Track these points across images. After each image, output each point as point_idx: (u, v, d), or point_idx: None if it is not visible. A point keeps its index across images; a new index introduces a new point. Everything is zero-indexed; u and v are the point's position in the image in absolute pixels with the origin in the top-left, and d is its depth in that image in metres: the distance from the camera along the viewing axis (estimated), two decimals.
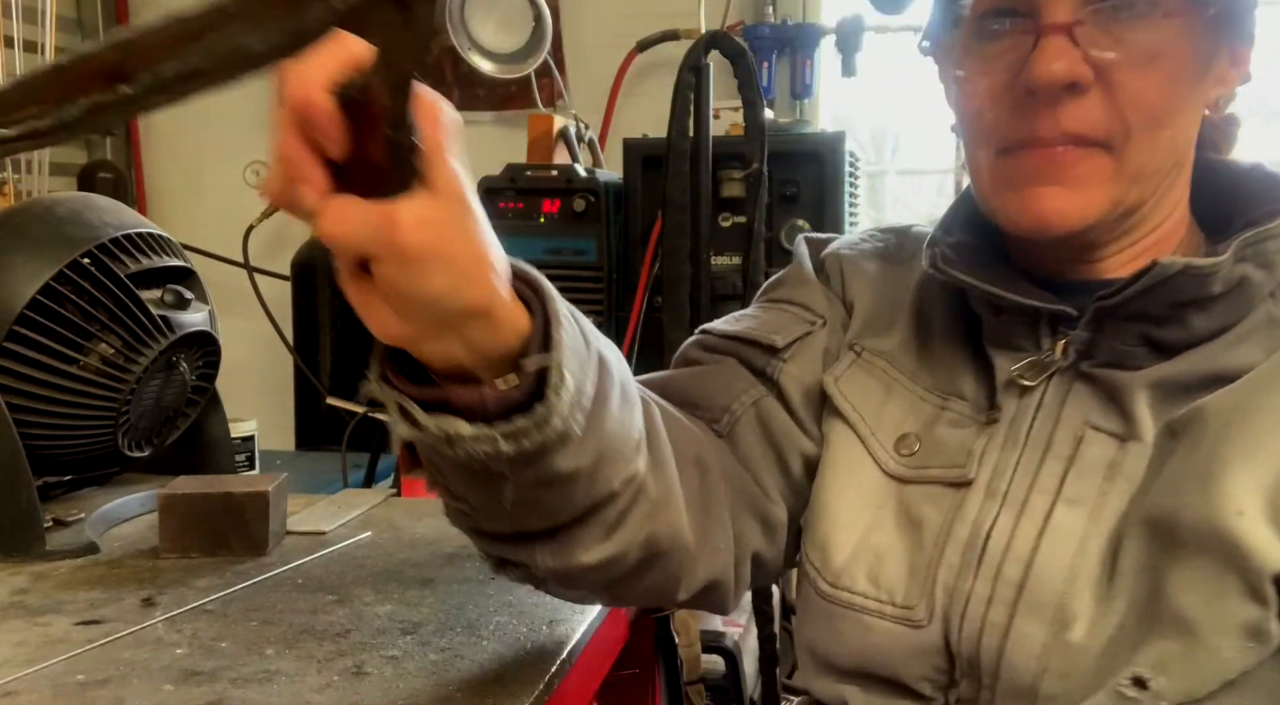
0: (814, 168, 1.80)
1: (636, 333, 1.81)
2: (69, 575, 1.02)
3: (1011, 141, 0.67)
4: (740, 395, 0.78)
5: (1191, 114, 0.69)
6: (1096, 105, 0.64)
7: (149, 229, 1.23)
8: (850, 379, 0.78)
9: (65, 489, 1.25)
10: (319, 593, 0.97)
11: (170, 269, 1.24)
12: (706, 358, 0.82)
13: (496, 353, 0.54)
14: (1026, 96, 0.65)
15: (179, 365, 1.22)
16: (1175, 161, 0.69)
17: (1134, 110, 0.64)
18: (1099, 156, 0.65)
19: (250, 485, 1.10)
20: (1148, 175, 0.67)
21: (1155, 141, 0.66)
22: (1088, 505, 0.65)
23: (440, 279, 0.49)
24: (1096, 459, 0.66)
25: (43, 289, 1.08)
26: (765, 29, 2.27)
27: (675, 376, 0.81)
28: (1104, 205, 0.66)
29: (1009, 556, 0.66)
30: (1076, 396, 0.69)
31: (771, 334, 0.80)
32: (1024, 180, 0.67)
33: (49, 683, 0.77)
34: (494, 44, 1.99)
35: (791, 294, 0.84)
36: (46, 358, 1.10)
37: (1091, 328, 0.68)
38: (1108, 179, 0.66)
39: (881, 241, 0.86)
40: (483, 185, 1.88)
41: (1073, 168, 0.65)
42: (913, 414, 0.75)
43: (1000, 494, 0.68)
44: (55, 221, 1.14)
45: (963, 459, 0.70)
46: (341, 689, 0.76)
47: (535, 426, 0.54)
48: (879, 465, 0.74)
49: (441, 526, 1.21)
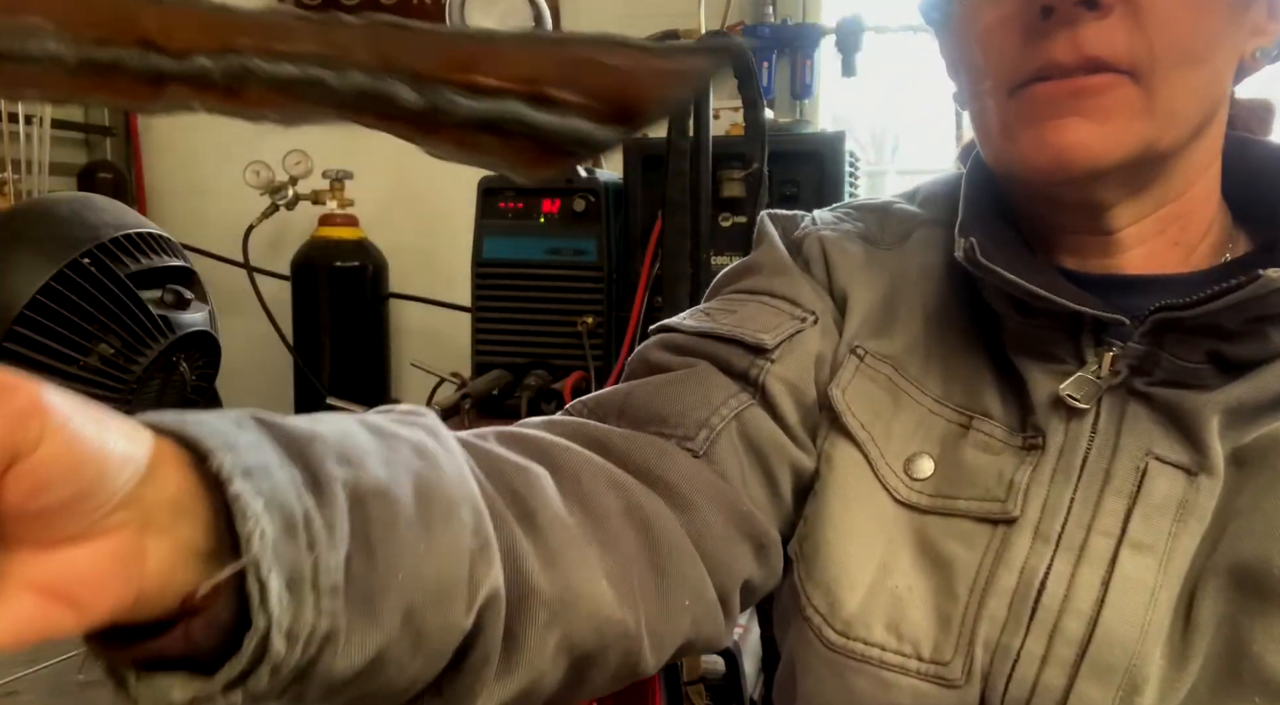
0: (814, 168, 1.80)
1: (636, 333, 1.81)
2: None
3: (1025, 74, 0.59)
4: (719, 407, 0.66)
5: (1226, 57, 0.60)
6: (1120, 27, 0.56)
7: (149, 229, 1.23)
8: (856, 390, 0.67)
9: None
10: None
11: (170, 269, 1.24)
12: (674, 362, 0.69)
13: (181, 563, 0.36)
14: (1041, 19, 0.57)
15: (179, 365, 1.22)
16: (1209, 111, 0.61)
17: (1162, 35, 0.56)
18: (1125, 86, 0.57)
19: None
20: (1180, 118, 0.58)
21: (1187, 79, 0.57)
22: (1157, 551, 0.57)
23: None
24: (1165, 496, 0.58)
25: (43, 289, 1.09)
26: (765, 29, 2.27)
27: (637, 389, 0.67)
28: (1132, 143, 0.58)
29: (1068, 609, 0.58)
30: (1134, 421, 0.60)
31: (758, 332, 0.68)
32: (1041, 112, 0.58)
33: (49, 683, 0.77)
34: None
35: (770, 284, 0.72)
36: (46, 358, 1.10)
37: (1150, 340, 0.59)
38: (1136, 114, 0.57)
39: (861, 221, 0.76)
40: (483, 185, 1.88)
41: (1096, 97, 0.57)
42: (924, 430, 0.65)
43: (1053, 536, 0.59)
44: (55, 221, 1.14)
45: (1001, 491, 0.61)
46: None
47: (257, 663, 0.37)
48: (889, 492, 0.64)
49: None
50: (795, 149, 1.82)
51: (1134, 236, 0.64)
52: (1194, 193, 0.64)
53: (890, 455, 0.65)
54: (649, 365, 0.70)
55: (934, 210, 0.73)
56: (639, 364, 0.71)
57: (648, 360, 0.71)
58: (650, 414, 0.65)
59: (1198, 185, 0.64)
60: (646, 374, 0.69)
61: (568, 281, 1.85)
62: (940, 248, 0.71)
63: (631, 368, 0.72)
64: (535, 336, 1.87)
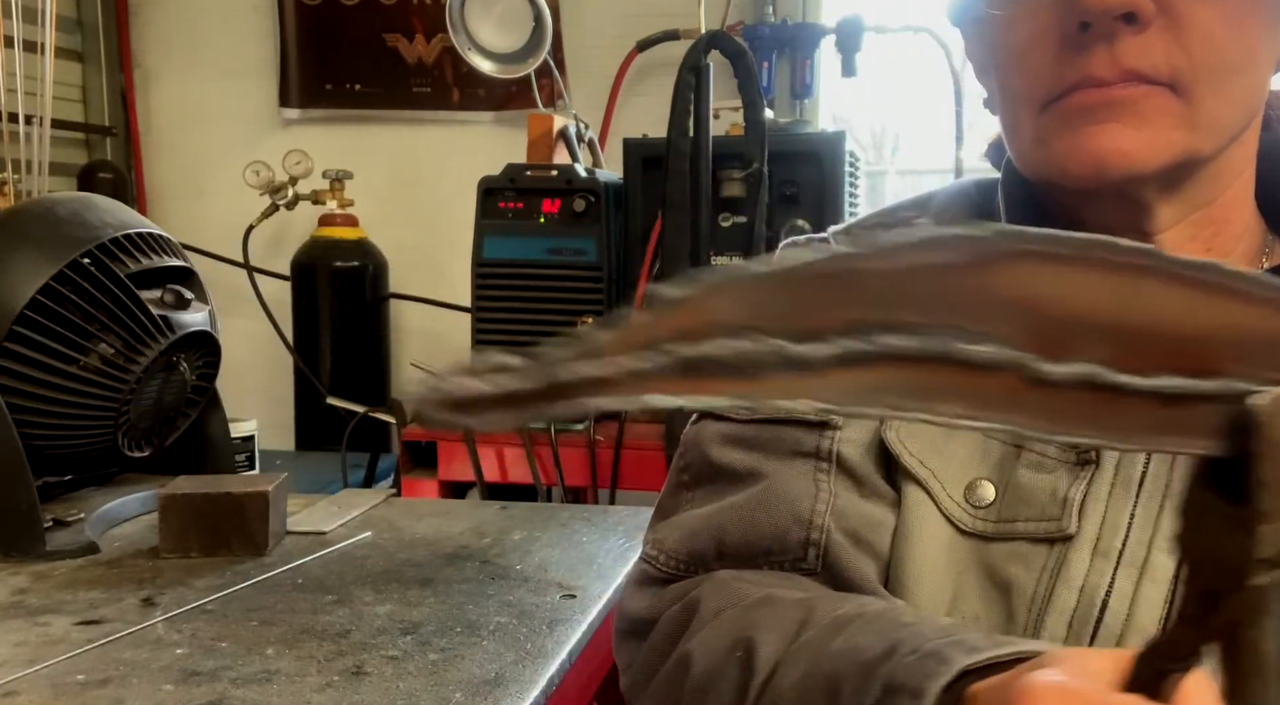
0: (814, 168, 1.80)
1: None
2: (69, 575, 1.02)
3: (1062, 88, 0.57)
4: (812, 517, 0.63)
5: (1265, 66, 0.59)
6: (1159, 41, 0.55)
7: (149, 229, 1.23)
8: (909, 428, 0.65)
9: (65, 489, 1.25)
10: (319, 593, 0.97)
11: (170, 269, 1.24)
12: (740, 465, 0.66)
13: None
14: (1078, 32, 0.55)
15: (179, 365, 1.22)
16: (1249, 117, 0.60)
17: (1202, 48, 0.55)
18: (1164, 97, 0.56)
19: (250, 485, 1.10)
20: (1220, 129, 0.58)
21: (1227, 89, 0.56)
22: None
23: None
24: None
25: (43, 289, 1.08)
26: (765, 29, 2.27)
27: (728, 527, 0.64)
28: (1172, 150, 0.56)
29: (1132, 628, 0.56)
30: None
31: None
32: (1077, 121, 0.57)
33: (49, 683, 0.77)
34: (494, 44, 1.98)
35: None
36: (46, 358, 1.10)
37: None
38: (1176, 123, 0.56)
39: None
40: (483, 185, 1.88)
41: (1134, 105, 0.55)
42: (980, 455, 0.63)
43: (1114, 553, 0.58)
44: (55, 221, 1.14)
45: (1056, 510, 0.60)
46: (341, 689, 0.76)
47: None
48: (955, 524, 0.62)
49: (441, 526, 1.21)
50: (795, 149, 1.82)
51: (1169, 241, 0.62)
52: (1228, 197, 0.63)
53: (950, 486, 0.63)
54: (714, 466, 0.67)
55: (954, 218, 0.71)
56: (702, 465, 0.68)
57: (710, 460, 0.67)
58: (754, 551, 0.64)
59: (1232, 189, 0.63)
60: (714, 478, 0.67)
61: (568, 281, 1.85)
62: None
63: (691, 464, 0.68)
64: (535, 336, 1.85)
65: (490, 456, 1.76)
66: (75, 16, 2.64)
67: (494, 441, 1.76)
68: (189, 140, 2.75)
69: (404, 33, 2.57)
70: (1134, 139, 0.56)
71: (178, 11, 2.72)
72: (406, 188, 2.63)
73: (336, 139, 2.62)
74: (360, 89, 2.62)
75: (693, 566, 0.65)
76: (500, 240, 1.87)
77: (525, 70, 2.01)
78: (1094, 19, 0.54)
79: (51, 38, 2.12)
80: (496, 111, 2.55)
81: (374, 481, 2.16)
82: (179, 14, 2.72)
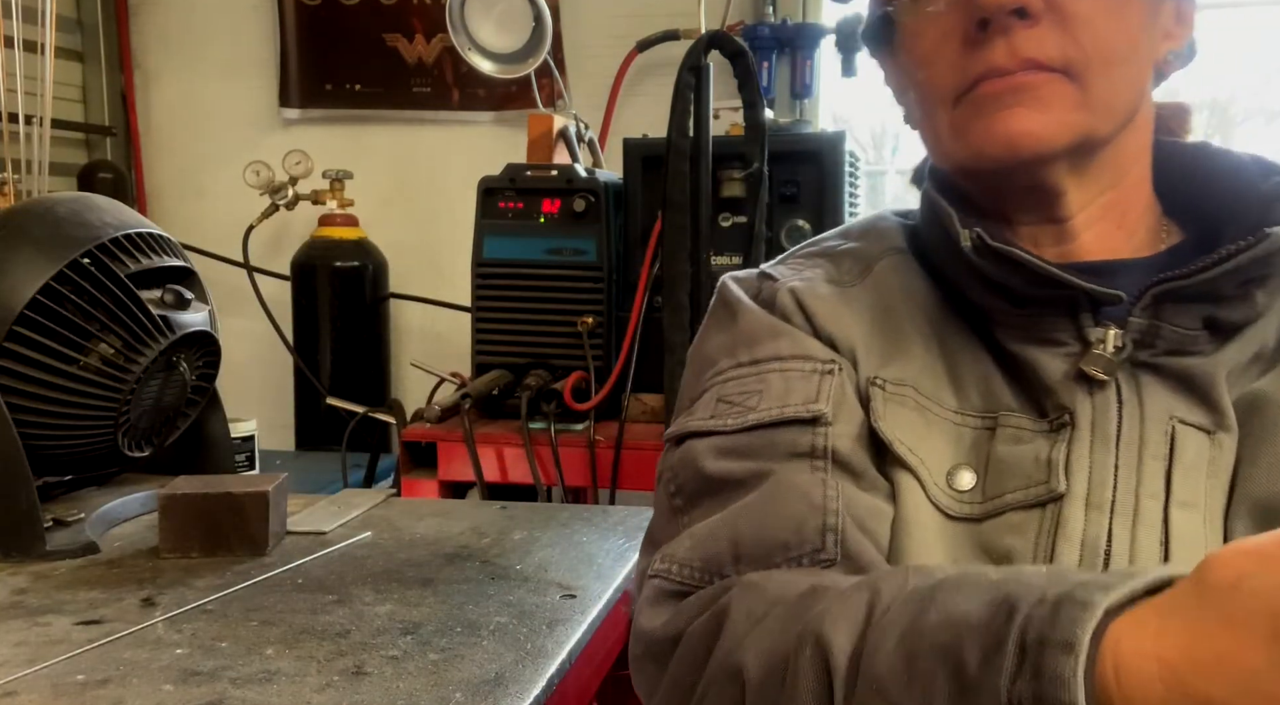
0: (814, 168, 1.80)
1: (636, 333, 1.81)
2: (69, 575, 1.02)
3: (969, 80, 0.64)
4: (827, 504, 0.63)
5: (1144, 58, 0.66)
6: (1050, 33, 0.62)
7: (149, 229, 1.23)
8: (894, 418, 0.67)
9: (65, 489, 1.25)
10: (319, 593, 0.97)
11: (170, 269, 1.24)
12: (738, 470, 0.66)
13: None
14: (979, 31, 0.62)
15: (179, 365, 1.22)
16: (1135, 103, 0.67)
17: (1088, 38, 0.62)
18: (1060, 82, 0.62)
19: (250, 485, 1.10)
20: (1112, 112, 0.65)
21: (1115, 75, 0.63)
22: (1200, 507, 0.61)
23: None
24: (1195, 456, 0.61)
25: (43, 289, 1.08)
26: (765, 29, 2.27)
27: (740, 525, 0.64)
28: (1073, 130, 0.63)
29: None
30: (1151, 390, 0.63)
31: (806, 403, 0.66)
32: (987, 107, 0.63)
33: (49, 683, 0.77)
34: (494, 44, 1.99)
35: (777, 348, 0.70)
36: (46, 358, 1.10)
37: (1150, 313, 0.63)
38: (1074, 106, 0.63)
39: (818, 267, 0.75)
40: (483, 185, 1.88)
41: (1035, 90, 0.62)
42: (956, 442, 0.66)
43: (1106, 505, 0.61)
44: (55, 221, 1.14)
45: (1042, 474, 0.62)
46: (341, 689, 0.76)
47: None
48: (943, 511, 0.64)
49: (441, 526, 1.21)
50: (795, 149, 1.82)
51: (1083, 222, 0.68)
52: (1130, 181, 0.69)
53: (936, 474, 0.65)
54: (711, 480, 0.66)
55: (886, 242, 0.75)
56: (697, 481, 0.67)
57: (708, 474, 0.67)
58: (770, 547, 0.62)
59: (1132, 173, 0.69)
60: (711, 491, 0.66)
61: (568, 281, 1.85)
62: (914, 271, 0.73)
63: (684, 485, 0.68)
64: (535, 336, 1.86)
65: (490, 456, 1.76)
66: (75, 16, 2.64)
67: (494, 441, 1.76)
68: (189, 140, 2.75)
69: (404, 33, 2.57)
70: (1038, 121, 0.62)
71: (178, 11, 2.72)
72: (406, 188, 2.63)
73: (336, 139, 2.62)
74: (360, 89, 2.62)
75: (709, 574, 0.63)
76: (500, 240, 1.87)
77: (525, 70, 2.01)
78: (991, 15, 0.61)
79: (51, 38, 2.12)
80: (496, 111, 2.55)
81: (374, 481, 2.16)
82: (179, 14, 2.72)
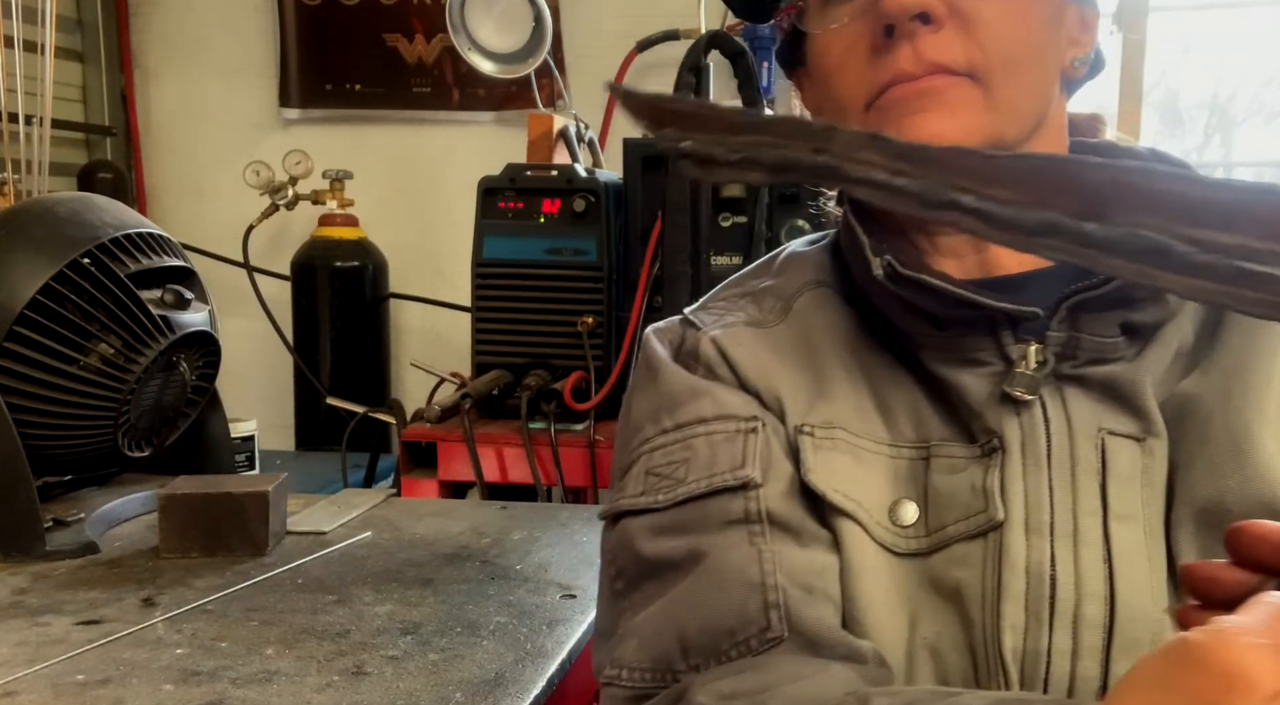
0: None
1: (637, 333, 1.81)
2: (69, 575, 1.02)
3: (878, 86, 0.64)
4: (766, 580, 0.61)
5: (1050, 62, 0.66)
6: (955, 38, 0.62)
7: (149, 229, 1.23)
8: (824, 466, 0.65)
9: (65, 489, 1.25)
10: (319, 593, 0.97)
11: (170, 269, 1.24)
12: (675, 550, 0.64)
13: None
14: (884, 38, 0.63)
15: (179, 365, 1.22)
16: (1043, 108, 0.67)
17: (993, 42, 0.62)
18: (967, 86, 0.63)
19: (250, 485, 1.10)
20: (1020, 114, 0.65)
21: (1021, 80, 0.64)
22: (1138, 518, 0.60)
23: None
24: (1128, 466, 0.61)
25: (43, 289, 1.08)
26: (765, 29, 2.27)
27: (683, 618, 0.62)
28: (981, 132, 0.63)
29: (1085, 595, 0.59)
30: (1077, 402, 0.62)
31: (733, 470, 0.64)
32: (897, 112, 0.63)
33: (49, 683, 0.77)
34: (494, 44, 1.99)
35: (699, 410, 0.67)
36: (46, 358, 1.10)
37: (1068, 325, 0.62)
38: (981, 109, 0.63)
39: (740, 310, 0.73)
40: (483, 185, 1.88)
41: (943, 94, 0.62)
42: (893, 477, 0.65)
43: (1046, 528, 0.60)
44: (55, 221, 1.14)
45: (980, 502, 0.61)
46: (341, 689, 0.76)
47: None
48: (889, 550, 0.63)
49: (441, 526, 1.21)
50: None
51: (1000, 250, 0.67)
52: None
53: (877, 513, 0.64)
54: (649, 563, 0.64)
55: (803, 276, 0.74)
56: (636, 565, 0.65)
57: (644, 557, 0.64)
58: (716, 636, 0.60)
59: None
60: (651, 574, 0.64)
61: (568, 281, 1.85)
62: (833, 303, 0.72)
63: (624, 569, 0.66)
64: (535, 336, 1.86)
65: (490, 456, 1.76)
66: (75, 16, 2.64)
67: (494, 441, 1.76)
68: (189, 140, 2.76)
69: (404, 33, 2.57)
70: (947, 124, 0.62)
71: (178, 11, 2.72)
72: (406, 188, 2.63)
73: (336, 139, 2.62)
74: (360, 89, 2.62)
75: (660, 674, 0.61)
76: (500, 240, 1.87)
77: (525, 70, 2.01)
78: (895, 21, 0.62)
79: (51, 38, 2.12)
80: (496, 111, 2.55)
81: (374, 481, 2.16)
82: (179, 14, 2.72)
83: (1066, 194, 0.34)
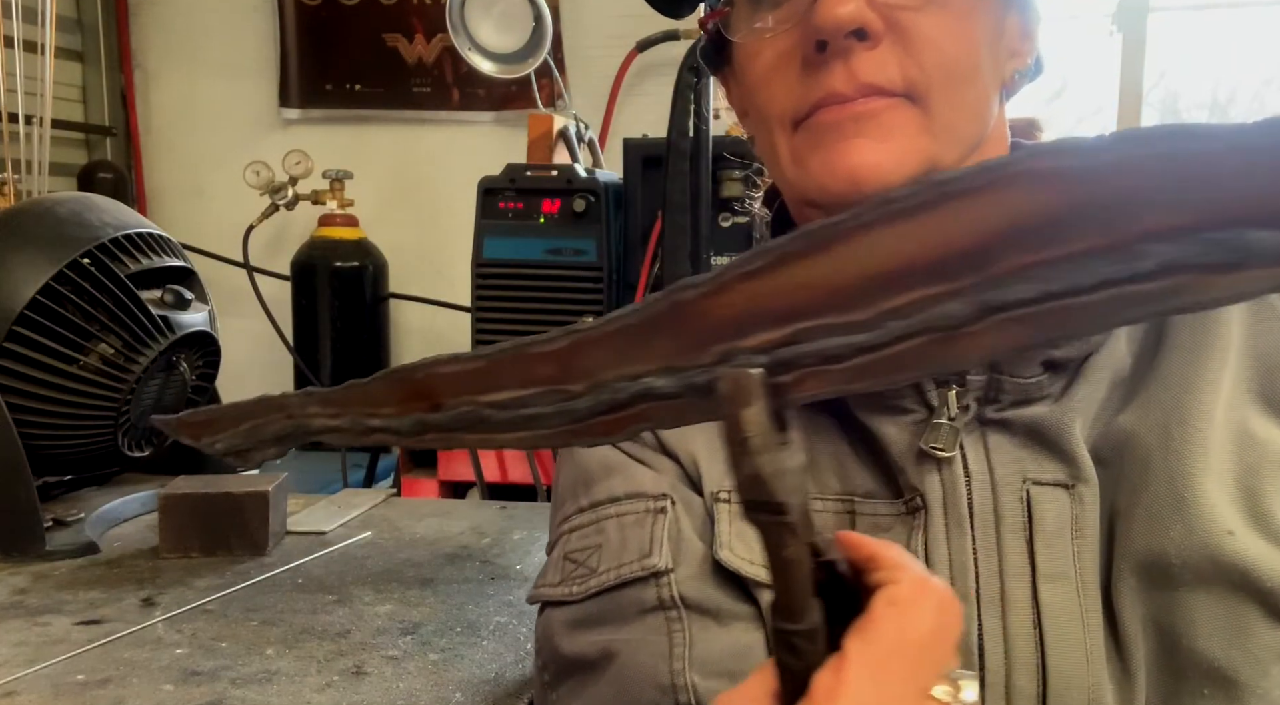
0: None
1: None
2: (69, 575, 1.02)
3: (808, 105, 0.59)
4: (673, 676, 0.58)
5: (990, 79, 0.62)
6: (891, 55, 0.58)
7: (149, 229, 1.23)
8: (739, 538, 0.62)
9: (65, 489, 1.25)
10: (319, 593, 0.97)
11: (170, 269, 1.24)
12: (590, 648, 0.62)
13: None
14: (817, 53, 0.58)
15: (179, 365, 1.22)
16: (982, 128, 0.63)
17: (932, 60, 0.58)
18: (903, 108, 0.58)
19: (250, 485, 1.10)
20: (958, 137, 0.60)
21: (960, 99, 0.60)
22: (1070, 576, 0.57)
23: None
24: (1056, 519, 0.58)
25: (43, 289, 1.08)
26: None
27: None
28: (917, 157, 0.59)
29: (1015, 665, 0.56)
30: (1000, 451, 0.59)
31: (641, 559, 0.62)
32: (827, 138, 0.59)
33: (49, 683, 0.77)
34: (494, 44, 1.99)
35: (610, 489, 0.65)
36: (46, 358, 1.10)
37: (986, 367, 0.59)
38: (917, 132, 0.58)
39: None
40: (483, 185, 1.88)
41: (877, 118, 0.58)
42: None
43: (972, 594, 0.57)
44: (55, 221, 1.14)
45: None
46: (341, 689, 0.76)
47: None
48: None
49: (441, 526, 1.21)
50: None
51: None
52: None
53: None
54: (567, 661, 0.63)
55: None
56: (558, 662, 0.64)
57: (563, 654, 0.63)
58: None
59: None
60: (570, 671, 0.63)
61: (568, 281, 1.85)
62: None
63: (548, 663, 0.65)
64: None
65: (490, 456, 1.76)
66: (75, 16, 2.64)
67: None
68: (189, 140, 2.76)
69: (404, 33, 2.57)
70: (881, 151, 0.58)
71: (178, 11, 2.72)
72: (406, 188, 2.63)
73: (336, 139, 2.62)
74: (360, 89, 2.62)
75: None
76: (500, 240, 1.87)
77: (525, 70, 2.01)
78: (828, 37, 0.57)
79: (51, 38, 2.12)
80: (496, 111, 2.55)
81: (374, 481, 2.16)
82: (179, 14, 2.72)
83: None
